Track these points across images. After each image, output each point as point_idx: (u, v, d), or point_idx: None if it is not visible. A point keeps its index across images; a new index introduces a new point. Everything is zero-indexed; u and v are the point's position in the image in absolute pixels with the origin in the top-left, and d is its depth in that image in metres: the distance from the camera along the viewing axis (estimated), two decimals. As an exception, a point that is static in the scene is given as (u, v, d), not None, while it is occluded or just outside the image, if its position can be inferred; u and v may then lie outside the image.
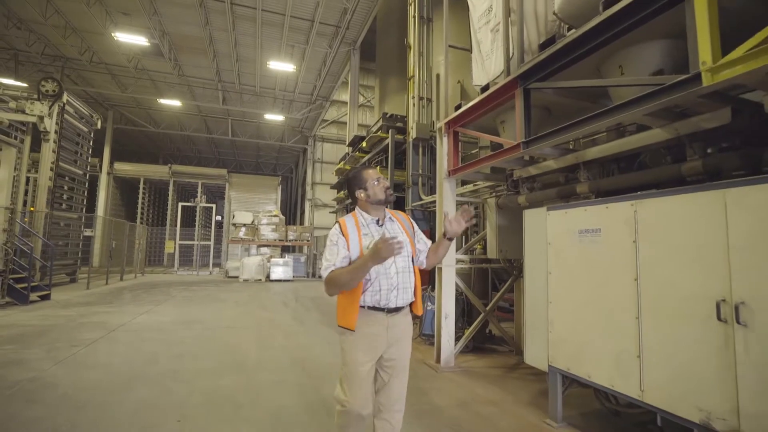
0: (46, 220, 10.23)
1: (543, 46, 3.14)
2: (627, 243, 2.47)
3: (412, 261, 2.03)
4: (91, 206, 17.28)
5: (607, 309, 2.60)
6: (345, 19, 11.93)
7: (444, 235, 2.02)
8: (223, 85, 17.15)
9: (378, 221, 2.02)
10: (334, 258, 1.89)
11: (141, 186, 21.40)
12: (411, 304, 2.03)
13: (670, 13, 2.24)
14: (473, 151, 6.89)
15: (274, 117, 18.82)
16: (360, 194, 2.04)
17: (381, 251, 1.71)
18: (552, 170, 3.62)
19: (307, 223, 20.45)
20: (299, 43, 13.67)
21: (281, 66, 14.22)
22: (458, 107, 4.34)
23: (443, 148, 4.54)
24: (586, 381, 2.76)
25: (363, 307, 1.90)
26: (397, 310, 1.95)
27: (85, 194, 13.01)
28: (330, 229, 2.13)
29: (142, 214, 21.40)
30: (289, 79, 16.53)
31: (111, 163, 20.11)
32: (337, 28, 12.70)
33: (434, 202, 5.58)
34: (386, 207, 2.08)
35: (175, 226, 18.91)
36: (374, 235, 1.95)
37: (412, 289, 2.00)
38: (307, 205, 20.67)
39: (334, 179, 14.05)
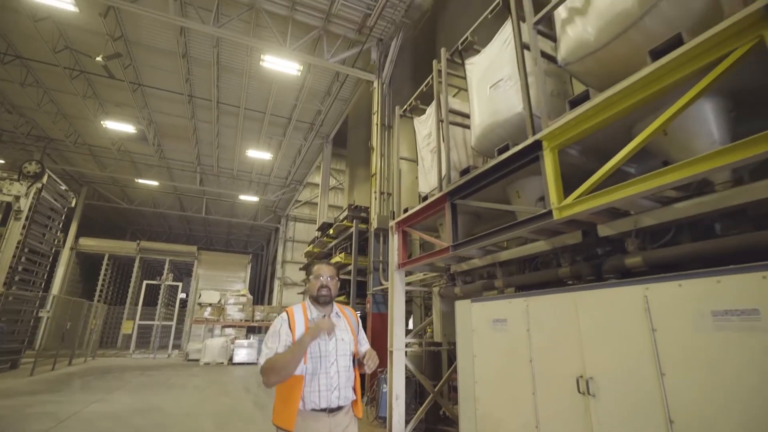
0: (1, 300, 9.97)
1: (462, 173, 4.11)
2: (523, 331, 3.16)
3: (353, 361, 2.01)
4: (48, 282, 16.64)
5: (514, 387, 3.19)
6: (319, 118, 13.53)
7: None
8: (202, 168, 18.08)
9: (324, 317, 1.99)
10: (275, 346, 1.82)
11: (104, 262, 20.72)
12: (353, 403, 1.97)
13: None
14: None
15: (249, 198, 19.66)
16: (307, 285, 2.09)
17: (321, 326, 1.80)
18: (478, 267, 4.40)
19: (275, 302, 20.24)
20: (277, 135, 15.12)
21: (259, 154, 15.45)
22: (406, 210, 5.23)
23: (394, 243, 5.33)
24: (506, 453, 3.22)
25: (302, 409, 1.81)
26: (339, 408, 1.89)
27: (45, 276, 12.77)
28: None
29: (101, 291, 20.47)
30: (265, 165, 17.74)
31: (76, 239, 19.76)
32: (312, 125, 14.28)
33: (391, 287, 6.22)
34: (328, 304, 2.06)
35: (136, 304, 18.22)
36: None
37: (353, 388, 1.97)
38: (277, 283, 20.65)
39: (305, 259, 14.52)
